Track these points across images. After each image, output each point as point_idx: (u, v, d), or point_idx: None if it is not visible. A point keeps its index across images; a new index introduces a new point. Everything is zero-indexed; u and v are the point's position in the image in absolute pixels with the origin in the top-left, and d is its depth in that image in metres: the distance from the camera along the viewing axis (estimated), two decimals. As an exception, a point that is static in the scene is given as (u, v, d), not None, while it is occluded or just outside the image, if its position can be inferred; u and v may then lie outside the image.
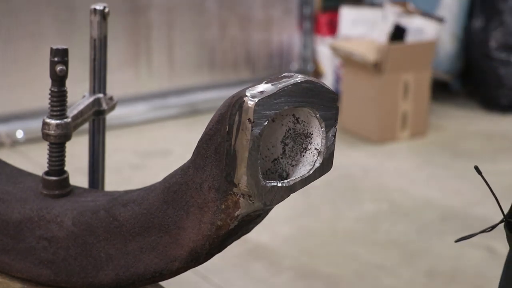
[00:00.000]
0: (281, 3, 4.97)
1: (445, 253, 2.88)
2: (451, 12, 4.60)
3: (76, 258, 0.95)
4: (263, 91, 0.81)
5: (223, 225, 0.85)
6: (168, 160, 3.76)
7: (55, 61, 1.01)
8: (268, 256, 2.89)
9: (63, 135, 1.03)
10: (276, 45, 5.02)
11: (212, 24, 4.72)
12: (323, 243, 3.01)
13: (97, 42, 1.14)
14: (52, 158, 1.04)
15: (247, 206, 0.83)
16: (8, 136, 3.97)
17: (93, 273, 0.95)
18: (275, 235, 3.02)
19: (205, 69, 4.77)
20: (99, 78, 1.16)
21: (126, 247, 0.92)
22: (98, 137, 1.19)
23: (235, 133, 0.80)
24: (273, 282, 2.73)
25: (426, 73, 4.24)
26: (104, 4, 1.14)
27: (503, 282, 1.03)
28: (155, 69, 4.60)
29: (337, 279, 2.75)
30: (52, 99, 1.03)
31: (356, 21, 4.72)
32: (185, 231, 0.88)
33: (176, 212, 0.88)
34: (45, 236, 0.97)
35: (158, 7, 4.50)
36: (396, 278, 2.73)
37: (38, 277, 0.98)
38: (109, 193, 1.02)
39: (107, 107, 1.16)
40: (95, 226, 0.94)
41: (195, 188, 0.86)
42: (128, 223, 0.92)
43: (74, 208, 0.98)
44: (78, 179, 1.17)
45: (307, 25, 5.02)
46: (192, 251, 0.88)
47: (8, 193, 1.02)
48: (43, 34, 4.13)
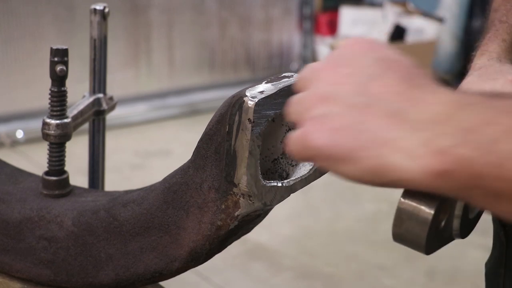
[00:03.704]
0: (281, 3, 4.97)
1: (445, 253, 2.88)
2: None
3: (76, 258, 0.95)
4: (263, 91, 0.81)
5: (223, 225, 0.85)
6: (168, 160, 3.76)
7: (55, 61, 1.01)
8: (268, 256, 2.89)
9: (63, 135, 1.03)
10: (276, 45, 5.02)
11: (212, 24, 4.72)
12: (323, 243, 3.01)
13: (97, 42, 1.14)
14: (52, 158, 1.04)
15: (247, 206, 0.83)
16: (8, 136, 3.97)
17: (93, 273, 0.95)
18: (275, 235, 3.02)
19: (205, 69, 4.78)
20: (99, 78, 1.16)
21: (126, 247, 0.92)
22: (98, 137, 1.19)
23: (235, 133, 0.80)
24: (273, 282, 2.73)
25: (426, 73, 4.25)
26: (104, 4, 1.14)
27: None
28: (155, 69, 4.60)
29: (337, 279, 2.75)
30: (52, 99, 1.03)
31: (356, 21, 4.72)
32: (185, 231, 0.88)
33: (176, 212, 0.88)
34: (45, 236, 0.97)
35: (158, 7, 4.50)
36: (396, 278, 2.73)
37: (38, 277, 0.98)
38: (109, 193, 1.02)
39: (107, 107, 1.16)
40: (95, 226, 0.94)
41: (195, 188, 0.86)
42: (128, 223, 0.92)
43: (74, 208, 0.98)
44: (78, 179, 1.17)
45: (307, 25, 5.02)
46: (192, 251, 0.88)
47: (8, 193, 1.02)
48: (43, 34, 4.13)
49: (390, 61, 0.60)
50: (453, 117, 0.53)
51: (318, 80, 0.60)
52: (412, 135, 0.54)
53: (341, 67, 0.61)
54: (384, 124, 0.56)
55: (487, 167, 0.51)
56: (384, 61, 0.60)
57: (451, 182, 0.53)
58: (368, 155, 0.56)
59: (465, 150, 0.52)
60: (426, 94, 0.56)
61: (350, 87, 0.59)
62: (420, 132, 0.54)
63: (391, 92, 0.57)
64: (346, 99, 0.58)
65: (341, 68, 0.60)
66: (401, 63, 0.61)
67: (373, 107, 0.57)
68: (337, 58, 0.62)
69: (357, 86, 0.58)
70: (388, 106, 0.56)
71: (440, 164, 0.53)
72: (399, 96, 0.57)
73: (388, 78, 0.58)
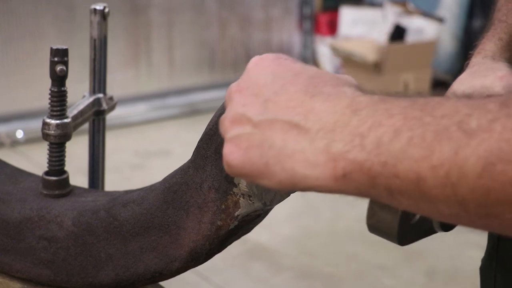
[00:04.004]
0: (281, 3, 4.97)
1: (445, 253, 2.88)
2: (451, 12, 4.60)
3: (76, 258, 0.95)
4: (263, 91, 0.81)
5: (223, 225, 0.85)
6: (168, 160, 3.76)
7: (55, 61, 1.01)
8: (268, 256, 2.89)
9: (63, 135, 1.03)
10: (276, 45, 5.02)
11: (212, 24, 4.72)
12: (323, 243, 3.01)
13: (97, 42, 1.14)
14: (52, 158, 1.04)
15: (247, 206, 0.83)
16: (8, 136, 3.97)
17: (93, 273, 0.95)
18: (275, 235, 3.02)
19: (205, 69, 4.78)
20: (99, 78, 1.16)
21: (126, 247, 0.92)
22: (98, 137, 1.19)
23: (235, 133, 0.80)
24: (273, 282, 2.74)
25: (426, 73, 4.25)
26: (104, 4, 1.14)
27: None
28: (155, 69, 4.60)
29: (337, 279, 2.75)
30: (52, 99, 1.03)
31: (356, 21, 4.72)
32: (185, 231, 0.88)
33: (176, 212, 0.88)
34: (45, 236, 0.97)
35: (158, 6, 4.50)
36: (396, 278, 2.73)
37: (38, 277, 0.98)
38: (109, 193, 1.02)
39: (107, 107, 1.16)
40: (95, 226, 0.94)
41: (195, 188, 0.86)
42: (128, 223, 0.92)
43: (74, 208, 0.98)
44: (78, 179, 1.17)
45: (307, 25, 5.02)
46: (192, 251, 0.88)
47: (8, 193, 1.02)
48: (43, 34, 4.13)
49: (291, 75, 0.64)
50: (346, 123, 0.57)
51: (232, 102, 0.66)
52: (311, 145, 0.59)
53: (247, 89, 0.65)
54: (287, 138, 0.60)
55: (378, 167, 0.55)
56: (285, 75, 0.64)
57: (352, 184, 0.57)
58: (278, 169, 0.61)
59: (357, 154, 0.56)
60: (322, 103, 0.60)
61: (255, 107, 0.63)
62: (318, 141, 0.58)
63: (291, 106, 0.61)
64: (254, 118, 0.63)
65: (247, 90, 0.65)
66: (303, 74, 0.64)
67: (276, 123, 0.61)
68: (245, 79, 0.67)
69: (261, 105, 0.63)
70: (289, 119, 0.61)
71: (338, 170, 0.57)
72: (298, 109, 0.61)
73: (288, 92, 0.62)
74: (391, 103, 0.57)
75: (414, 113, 0.55)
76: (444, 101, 0.55)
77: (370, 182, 0.56)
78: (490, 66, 0.95)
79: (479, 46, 1.01)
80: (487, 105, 0.52)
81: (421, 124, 0.54)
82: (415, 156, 0.53)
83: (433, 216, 0.57)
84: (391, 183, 0.55)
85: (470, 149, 0.51)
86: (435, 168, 0.52)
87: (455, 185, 0.52)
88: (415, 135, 0.53)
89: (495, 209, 0.51)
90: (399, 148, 0.54)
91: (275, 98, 0.63)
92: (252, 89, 0.65)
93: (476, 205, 0.51)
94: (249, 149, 0.63)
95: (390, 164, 0.54)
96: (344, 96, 0.60)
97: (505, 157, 0.50)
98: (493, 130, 0.50)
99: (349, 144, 0.56)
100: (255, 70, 0.67)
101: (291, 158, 0.60)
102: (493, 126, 0.50)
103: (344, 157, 0.57)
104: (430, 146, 0.53)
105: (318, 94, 0.61)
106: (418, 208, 0.56)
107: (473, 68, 0.97)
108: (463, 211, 0.52)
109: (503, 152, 0.50)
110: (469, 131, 0.51)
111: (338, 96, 0.60)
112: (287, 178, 0.61)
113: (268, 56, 0.68)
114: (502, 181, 0.50)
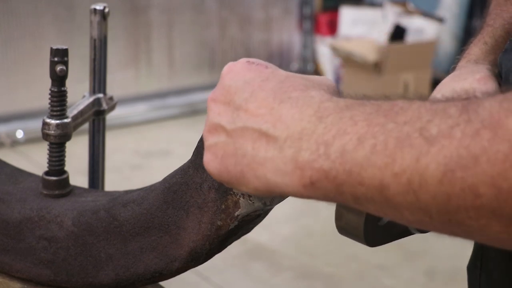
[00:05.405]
0: (281, 3, 4.98)
1: (445, 253, 2.89)
2: (451, 12, 4.60)
3: (76, 258, 0.95)
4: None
5: (223, 225, 0.85)
6: (168, 160, 3.76)
7: (55, 61, 1.01)
8: (268, 256, 2.89)
9: (63, 135, 1.03)
10: (276, 45, 5.02)
11: (212, 24, 4.72)
12: (323, 243, 3.01)
13: (97, 42, 1.14)
14: (52, 158, 1.04)
15: (247, 206, 0.83)
16: (8, 136, 3.97)
17: (93, 273, 0.95)
18: (275, 235, 3.02)
19: (205, 69, 4.78)
20: (99, 78, 1.16)
21: (126, 247, 0.92)
22: (98, 137, 1.19)
23: (235, 133, 0.80)
24: (273, 282, 2.74)
25: (426, 73, 4.25)
26: (104, 4, 1.13)
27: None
28: (155, 69, 4.60)
29: (337, 279, 2.75)
30: (52, 99, 1.03)
31: (356, 21, 4.72)
32: (185, 231, 0.88)
33: (176, 212, 0.88)
34: (45, 236, 0.97)
35: (158, 7, 4.50)
36: (396, 278, 2.74)
37: (38, 277, 0.98)
38: (109, 193, 1.02)
39: (107, 107, 1.16)
40: (95, 226, 0.94)
41: (195, 188, 0.86)
42: (128, 223, 0.92)
43: (74, 208, 0.98)
44: (78, 179, 1.17)
45: (307, 25, 5.02)
46: (192, 251, 0.88)
47: (8, 193, 1.02)
48: (43, 34, 4.13)
49: (260, 80, 0.64)
50: (312, 131, 0.58)
51: (209, 111, 0.67)
52: (280, 153, 0.59)
53: (220, 96, 0.66)
54: (257, 147, 0.61)
55: (343, 176, 0.55)
56: (254, 81, 0.64)
57: (320, 191, 0.58)
58: (252, 176, 0.62)
59: (323, 162, 0.56)
60: (289, 110, 0.60)
61: (228, 115, 0.64)
62: (286, 150, 0.59)
63: (260, 114, 0.62)
64: (227, 127, 0.64)
65: (220, 98, 0.66)
66: (273, 79, 0.64)
67: (247, 131, 0.62)
68: (219, 87, 0.67)
69: (233, 113, 0.64)
70: (258, 128, 0.61)
71: (305, 178, 0.58)
72: (267, 117, 0.61)
73: (257, 99, 0.63)
74: (357, 110, 0.57)
75: (378, 120, 0.55)
76: (408, 106, 0.55)
77: (336, 190, 0.57)
78: (471, 69, 0.96)
79: (465, 50, 1.03)
80: (448, 110, 0.52)
81: (384, 131, 0.54)
82: (378, 164, 0.53)
83: (399, 221, 0.57)
84: (357, 191, 0.55)
85: (430, 156, 0.51)
86: (397, 175, 0.53)
87: (417, 192, 0.52)
88: (378, 143, 0.54)
89: (457, 216, 0.51)
90: (363, 156, 0.54)
91: (246, 105, 0.63)
92: (225, 97, 0.65)
93: (438, 212, 0.52)
94: (225, 158, 0.64)
95: (355, 172, 0.55)
96: (311, 101, 0.60)
97: (464, 163, 0.50)
98: (453, 137, 0.50)
99: (315, 153, 0.57)
100: (228, 77, 0.67)
101: (262, 166, 0.61)
102: (453, 132, 0.51)
103: (310, 166, 0.57)
104: (392, 154, 0.53)
105: (286, 100, 0.61)
106: (385, 214, 0.56)
107: (455, 72, 0.98)
108: (427, 217, 0.53)
109: (463, 159, 0.50)
110: (430, 138, 0.51)
111: (305, 102, 0.60)
112: (261, 185, 0.62)
113: (240, 62, 0.68)
114: (462, 187, 0.50)
